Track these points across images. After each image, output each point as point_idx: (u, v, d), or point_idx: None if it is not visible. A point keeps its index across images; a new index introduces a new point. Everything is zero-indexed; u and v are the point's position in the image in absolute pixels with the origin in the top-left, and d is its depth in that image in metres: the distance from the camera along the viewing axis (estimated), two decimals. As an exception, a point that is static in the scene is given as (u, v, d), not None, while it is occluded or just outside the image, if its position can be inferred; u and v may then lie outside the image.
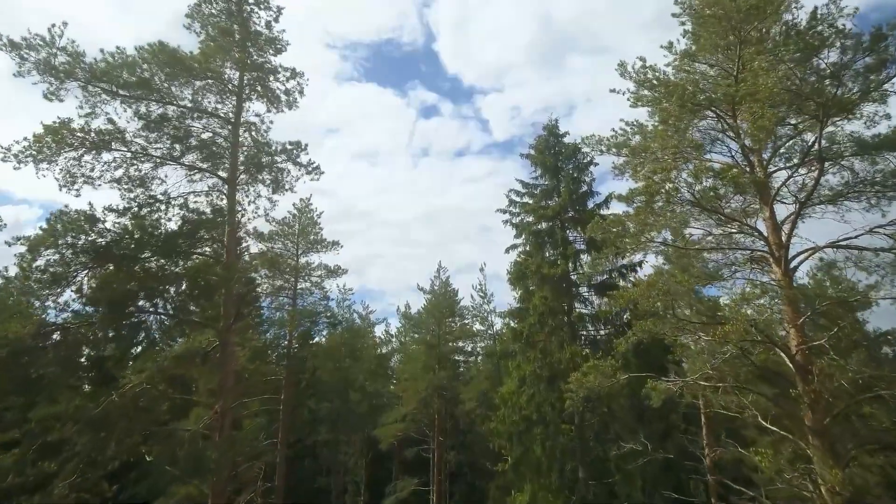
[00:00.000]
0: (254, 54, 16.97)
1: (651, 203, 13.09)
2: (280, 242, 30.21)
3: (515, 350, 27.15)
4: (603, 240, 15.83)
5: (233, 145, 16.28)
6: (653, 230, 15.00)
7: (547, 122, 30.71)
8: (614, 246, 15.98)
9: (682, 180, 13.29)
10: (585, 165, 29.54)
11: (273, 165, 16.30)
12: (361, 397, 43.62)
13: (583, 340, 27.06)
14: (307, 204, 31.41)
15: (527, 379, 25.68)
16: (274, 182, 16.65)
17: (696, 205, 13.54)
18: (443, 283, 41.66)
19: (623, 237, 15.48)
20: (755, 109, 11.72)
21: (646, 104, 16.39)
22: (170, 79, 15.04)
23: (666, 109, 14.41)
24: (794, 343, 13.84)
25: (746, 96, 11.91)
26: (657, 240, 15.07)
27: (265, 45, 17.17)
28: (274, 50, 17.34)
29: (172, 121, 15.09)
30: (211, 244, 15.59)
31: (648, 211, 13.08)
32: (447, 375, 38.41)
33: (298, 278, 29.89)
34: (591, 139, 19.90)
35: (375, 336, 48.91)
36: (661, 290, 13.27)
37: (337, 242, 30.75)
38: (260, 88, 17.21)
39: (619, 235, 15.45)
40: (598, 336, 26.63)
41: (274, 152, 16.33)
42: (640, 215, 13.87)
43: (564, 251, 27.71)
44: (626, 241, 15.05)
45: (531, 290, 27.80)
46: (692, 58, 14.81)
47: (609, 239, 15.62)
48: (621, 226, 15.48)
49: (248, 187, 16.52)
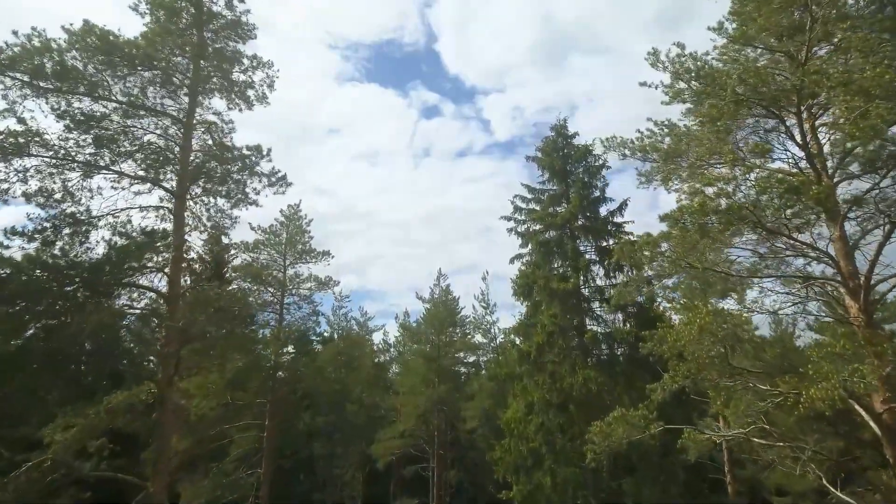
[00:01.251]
0: (212, 40, 13.86)
1: (704, 223, 9.93)
2: (266, 252, 27.09)
3: (522, 372, 24.03)
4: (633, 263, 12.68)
5: (182, 150, 13.17)
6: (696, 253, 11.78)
7: (555, 122, 27.55)
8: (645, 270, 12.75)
9: (741, 193, 10.12)
10: (597, 169, 26.37)
11: (228, 176, 13.20)
12: (358, 409, 40.57)
13: (595, 360, 23.84)
14: (296, 210, 28.29)
15: (535, 406, 22.57)
16: (228, 195, 13.55)
17: (757, 225, 10.37)
18: (443, 290, 38.60)
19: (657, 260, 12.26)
20: (853, 102, 8.59)
21: (683, 100, 13.14)
22: (104, 69, 11.98)
23: (716, 105, 11.21)
24: (879, 399, 10.68)
25: (840, 86, 8.78)
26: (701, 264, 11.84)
27: (225, 30, 14.07)
28: (237, 35, 14.23)
29: (103, 120, 12.03)
30: (148, 274, 12.46)
31: (699, 232, 9.93)
32: (448, 389, 35.38)
33: (286, 292, 26.78)
34: (611, 141, 16.82)
35: (374, 343, 45.87)
36: (715, 333, 10.13)
37: (328, 252, 27.67)
38: (219, 81, 14.08)
39: (652, 259, 12.22)
40: (614, 359, 23.41)
41: (229, 159, 13.20)
42: (686, 237, 10.70)
43: (575, 263, 24.56)
44: (664, 267, 11.86)
45: (538, 305, 24.64)
46: (746, 42, 11.59)
47: (639, 262, 12.42)
48: (655, 247, 12.24)
49: (203, 201, 13.45)
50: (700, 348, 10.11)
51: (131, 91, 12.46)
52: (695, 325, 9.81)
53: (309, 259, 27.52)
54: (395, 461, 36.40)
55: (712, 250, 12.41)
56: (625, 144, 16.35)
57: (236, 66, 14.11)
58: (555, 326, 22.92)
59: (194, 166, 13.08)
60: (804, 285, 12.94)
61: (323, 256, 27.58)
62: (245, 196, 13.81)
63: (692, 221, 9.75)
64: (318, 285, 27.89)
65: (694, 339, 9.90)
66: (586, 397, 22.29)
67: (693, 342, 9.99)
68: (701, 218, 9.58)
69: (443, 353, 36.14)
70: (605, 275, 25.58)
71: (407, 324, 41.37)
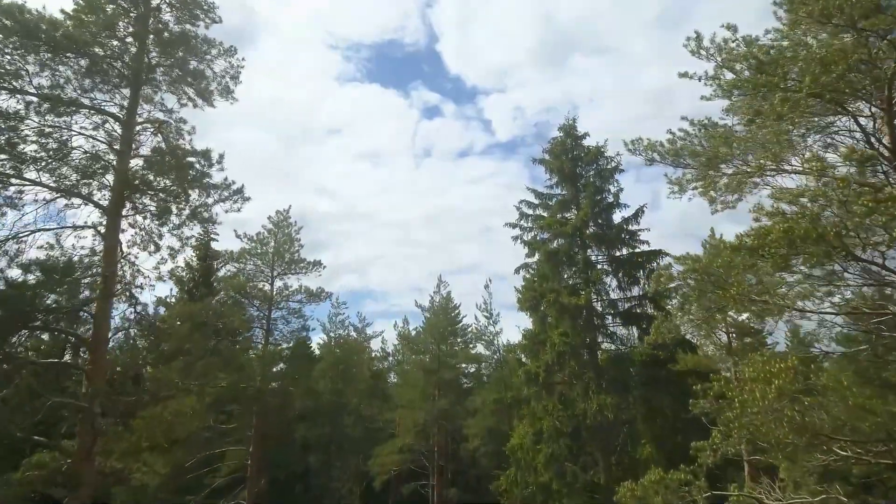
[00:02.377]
0: (162, 21, 11.24)
1: (780, 252, 7.31)
2: (252, 262, 24.48)
3: (529, 395, 21.44)
4: (683, 298, 10.07)
5: (120, 156, 10.53)
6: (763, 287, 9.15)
7: (563, 122, 24.89)
8: (690, 301, 10.11)
9: (830, 216, 7.50)
10: (610, 172, 23.78)
11: (165, 189, 10.54)
12: (355, 420, 38.00)
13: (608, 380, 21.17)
14: (285, 216, 25.70)
15: (544, 433, 19.97)
16: (159, 214, 10.88)
17: (850, 256, 7.72)
18: (443, 298, 35.95)
19: (709, 292, 9.63)
20: None
21: (736, 91, 10.45)
22: (20, 54, 9.42)
23: (788, 99, 8.56)
24: None
25: None
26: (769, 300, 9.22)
27: (177, 8, 11.43)
28: (192, 16, 11.55)
29: (15, 119, 9.43)
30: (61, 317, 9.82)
31: (777, 264, 7.34)
32: (448, 402, 32.81)
33: (273, 306, 24.17)
34: (637, 144, 14.23)
35: (372, 350, 43.22)
36: (785, 391, 7.53)
37: (319, 263, 25.08)
38: (169, 70, 11.43)
39: (701, 293, 9.59)
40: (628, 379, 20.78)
41: (167, 168, 10.54)
42: (755, 268, 8.08)
43: (587, 275, 21.99)
44: (719, 300, 9.24)
45: (546, 321, 22.02)
46: (825, 19, 8.94)
47: (686, 294, 9.79)
48: (707, 275, 9.58)
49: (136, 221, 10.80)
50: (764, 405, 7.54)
51: (57, 82, 9.85)
52: (772, 387, 7.28)
53: (299, 269, 24.92)
54: (393, 477, 33.87)
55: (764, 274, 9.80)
56: (653, 147, 13.75)
57: (191, 53, 11.46)
58: (566, 346, 20.33)
59: (139, 177, 10.44)
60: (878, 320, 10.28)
61: (314, 267, 24.98)
62: (193, 213, 11.12)
63: (773, 251, 7.16)
64: (309, 297, 25.30)
65: (770, 405, 7.35)
66: (601, 425, 19.73)
67: (768, 408, 7.43)
68: (783, 247, 7.01)
69: (443, 365, 33.57)
70: (618, 286, 23.03)
71: (406, 332, 38.79)
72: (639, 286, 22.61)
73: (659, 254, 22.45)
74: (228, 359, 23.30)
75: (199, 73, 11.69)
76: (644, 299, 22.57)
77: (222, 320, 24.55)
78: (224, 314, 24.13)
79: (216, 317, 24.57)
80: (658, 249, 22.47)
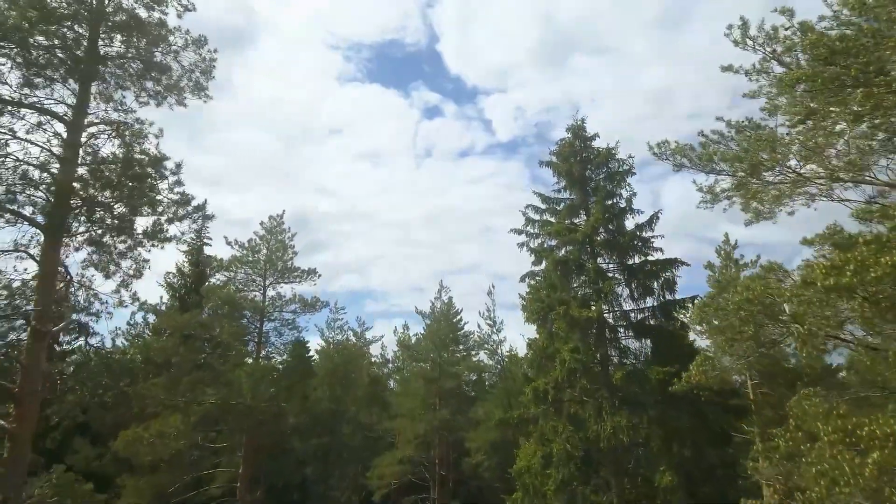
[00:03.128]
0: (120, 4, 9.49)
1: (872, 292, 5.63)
2: (243, 271, 22.79)
3: (537, 414, 19.78)
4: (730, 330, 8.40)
5: (64, 164, 8.79)
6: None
7: (572, 122, 23.22)
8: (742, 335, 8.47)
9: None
10: (622, 175, 22.10)
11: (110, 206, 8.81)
12: (354, 429, 36.38)
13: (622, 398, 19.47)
14: (278, 222, 24.00)
15: (554, 457, 18.31)
16: (97, 244, 9.15)
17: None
18: (444, 304, 34.29)
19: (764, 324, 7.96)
20: None
21: (797, 89, 8.78)
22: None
23: (873, 95, 6.87)
24: None
25: None
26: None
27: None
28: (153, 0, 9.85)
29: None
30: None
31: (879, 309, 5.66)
32: (450, 412, 31.18)
33: (265, 317, 22.49)
34: (664, 147, 12.76)
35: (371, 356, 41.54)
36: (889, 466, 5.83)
37: (314, 271, 23.40)
38: (130, 65, 9.69)
39: (756, 323, 7.92)
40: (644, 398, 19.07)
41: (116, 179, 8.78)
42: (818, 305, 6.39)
43: (598, 285, 20.26)
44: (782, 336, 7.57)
45: (555, 334, 20.31)
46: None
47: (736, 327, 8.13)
48: (760, 307, 7.90)
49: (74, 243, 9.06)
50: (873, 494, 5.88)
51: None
52: (869, 459, 5.62)
53: (292, 278, 23.23)
54: (393, 490, 32.27)
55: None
56: (682, 151, 12.17)
57: (153, 42, 9.68)
58: (577, 363, 18.65)
59: (85, 190, 8.73)
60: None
61: (308, 276, 23.29)
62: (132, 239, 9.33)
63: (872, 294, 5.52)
64: (304, 307, 23.61)
65: (867, 482, 5.67)
66: (616, 449, 18.09)
67: (867, 486, 5.75)
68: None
69: (444, 373, 31.92)
70: (630, 296, 21.35)
71: (406, 338, 37.13)
72: (653, 296, 20.97)
73: (674, 262, 20.85)
74: (217, 373, 21.67)
75: (164, 67, 9.92)
76: (657, 310, 20.95)
77: (211, 332, 22.86)
78: (213, 326, 22.47)
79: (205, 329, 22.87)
80: (674, 258, 20.89)
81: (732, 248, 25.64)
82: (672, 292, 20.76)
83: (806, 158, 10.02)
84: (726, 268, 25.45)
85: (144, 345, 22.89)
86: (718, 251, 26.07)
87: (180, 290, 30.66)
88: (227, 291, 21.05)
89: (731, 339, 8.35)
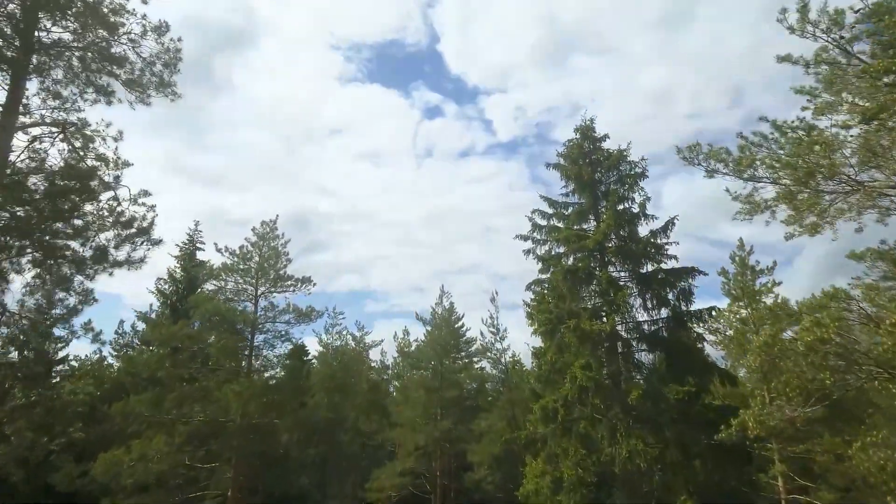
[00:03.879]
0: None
1: None
2: (233, 280, 21.32)
3: (546, 434, 18.33)
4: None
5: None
6: None
7: (580, 123, 21.79)
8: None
9: None
10: (634, 178, 20.62)
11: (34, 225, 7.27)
12: (353, 437, 34.95)
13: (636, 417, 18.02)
14: (271, 228, 22.52)
15: (564, 483, 16.86)
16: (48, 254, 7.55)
17: None
18: (446, 310, 32.83)
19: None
20: None
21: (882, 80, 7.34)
22: None
23: None
24: None
25: None
26: None
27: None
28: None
29: None
30: None
31: None
32: (452, 422, 29.76)
33: (257, 328, 21.01)
34: (695, 151, 11.37)
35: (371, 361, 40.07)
36: None
37: (309, 279, 21.95)
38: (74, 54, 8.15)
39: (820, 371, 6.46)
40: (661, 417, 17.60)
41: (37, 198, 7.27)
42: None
43: (610, 296, 18.77)
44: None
45: (565, 348, 18.85)
46: None
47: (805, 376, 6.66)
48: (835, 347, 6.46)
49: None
50: None
51: None
52: None
53: (286, 287, 21.76)
54: (393, 502, 30.87)
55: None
56: (717, 156, 10.72)
57: (101, 25, 8.08)
58: (589, 381, 17.19)
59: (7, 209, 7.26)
60: None
61: (303, 284, 21.82)
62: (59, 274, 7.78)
63: None
64: (299, 317, 22.14)
65: None
66: (631, 473, 16.65)
67: None
68: None
69: (445, 382, 30.49)
70: (642, 306, 19.89)
71: (406, 343, 35.71)
72: (668, 307, 19.51)
73: (691, 271, 19.41)
74: (206, 390, 20.22)
75: (120, 59, 8.40)
76: (671, 321, 19.49)
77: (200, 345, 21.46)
78: (202, 338, 21.03)
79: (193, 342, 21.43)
80: (691, 267, 19.49)
81: (747, 253, 24.20)
82: (689, 303, 19.33)
83: (864, 163, 8.58)
84: (741, 275, 24.02)
85: (129, 359, 21.44)
86: (733, 257, 24.60)
87: (172, 297, 29.21)
88: (215, 303, 19.58)
89: (799, 389, 6.93)
